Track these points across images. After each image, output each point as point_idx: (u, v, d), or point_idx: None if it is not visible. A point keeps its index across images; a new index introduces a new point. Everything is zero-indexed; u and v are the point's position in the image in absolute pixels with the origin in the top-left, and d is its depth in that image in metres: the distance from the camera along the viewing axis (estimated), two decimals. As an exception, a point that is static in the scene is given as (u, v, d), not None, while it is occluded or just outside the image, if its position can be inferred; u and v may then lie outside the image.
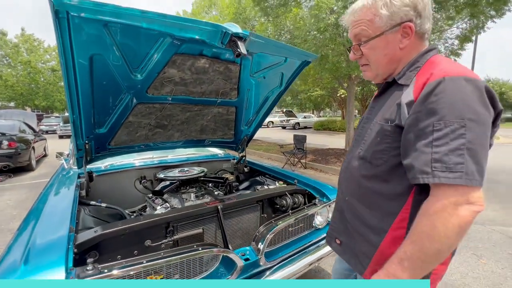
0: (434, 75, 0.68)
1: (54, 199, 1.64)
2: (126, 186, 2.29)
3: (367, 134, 0.84)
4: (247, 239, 1.72)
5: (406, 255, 0.66)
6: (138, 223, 1.30)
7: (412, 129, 0.68)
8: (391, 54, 0.81)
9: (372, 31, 0.80)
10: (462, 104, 0.62)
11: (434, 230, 0.62)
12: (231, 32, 1.27)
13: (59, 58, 1.21)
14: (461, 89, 0.63)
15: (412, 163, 0.67)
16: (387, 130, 0.76)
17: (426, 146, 0.64)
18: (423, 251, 0.64)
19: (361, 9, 0.81)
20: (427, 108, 0.65)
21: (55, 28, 1.06)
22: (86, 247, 1.15)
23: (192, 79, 1.73)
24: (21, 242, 1.11)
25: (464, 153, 0.61)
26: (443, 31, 6.43)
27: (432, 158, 0.63)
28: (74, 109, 1.45)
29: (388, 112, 0.77)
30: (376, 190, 0.80)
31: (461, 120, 0.62)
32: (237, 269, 1.33)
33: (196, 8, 15.82)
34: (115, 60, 1.36)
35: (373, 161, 0.79)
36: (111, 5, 1.04)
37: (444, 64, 0.72)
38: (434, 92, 0.65)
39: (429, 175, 0.63)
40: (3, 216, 3.71)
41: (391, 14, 0.76)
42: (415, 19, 0.76)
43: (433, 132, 0.63)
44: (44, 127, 17.79)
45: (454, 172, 0.61)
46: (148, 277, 1.16)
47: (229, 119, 2.33)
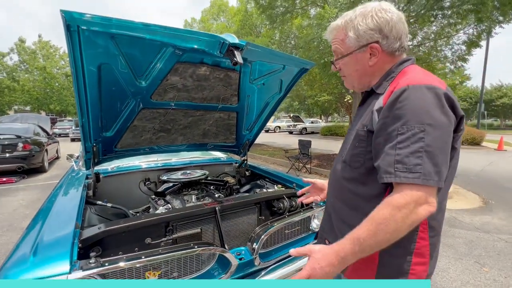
0: (400, 84, 0.74)
1: (63, 198, 1.74)
2: (131, 187, 2.39)
3: (348, 140, 0.92)
4: (245, 240, 1.77)
5: (359, 240, 0.69)
6: (139, 222, 1.37)
7: (381, 133, 0.74)
8: (361, 70, 0.90)
9: (344, 50, 0.90)
10: (422, 110, 0.68)
11: (392, 222, 0.66)
12: (228, 43, 1.35)
13: (70, 67, 1.32)
14: (422, 97, 0.69)
15: (379, 164, 0.73)
16: (361, 135, 0.82)
17: (391, 149, 0.70)
18: (376, 239, 0.68)
19: (335, 29, 0.91)
20: (393, 114, 0.71)
21: (66, 40, 1.16)
22: (90, 242, 1.23)
23: (194, 86, 1.82)
24: (31, 237, 1.20)
25: (422, 155, 0.66)
26: (449, 37, 6.40)
27: (395, 160, 0.69)
28: (83, 113, 1.55)
29: (365, 119, 0.84)
30: (356, 192, 0.85)
31: (421, 125, 0.67)
32: (232, 268, 1.38)
33: (205, 15, 16.21)
34: (121, 68, 1.46)
35: (352, 164, 0.85)
36: (117, 19, 1.14)
37: (411, 73, 0.78)
38: (399, 99, 0.71)
39: (392, 175, 0.69)
40: (16, 215, 3.88)
41: (358, 37, 0.85)
42: (381, 40, 0.83)
43: (397, 136, 0.69)
44: (57, 130, 18.37)
45: (413, 173, 0.66)
46: (147, 272, 1.23)
47: (230, 123, 2.41)
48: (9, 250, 1.14)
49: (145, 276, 1.22)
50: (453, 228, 3.57)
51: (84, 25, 1.12)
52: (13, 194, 4.94)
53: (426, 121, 0.67)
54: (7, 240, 3.02)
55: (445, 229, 3.51)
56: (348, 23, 0.87)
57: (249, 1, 10.36)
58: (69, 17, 1.06)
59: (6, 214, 3.92)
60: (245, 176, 2.83)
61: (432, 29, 7.09)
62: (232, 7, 13.84)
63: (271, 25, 7.18)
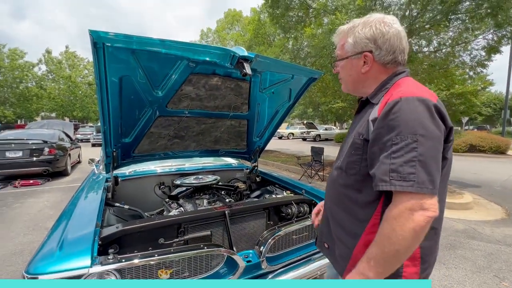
0: (393, 95, 0.78)
1: (85, 200, 1.87)
2: (147, 190, 2.51)
3: (344, 147, 0.95)
4: (253, 244, 1.82)
5: (372, 255, 0.75)
6: (153, 222, 1.47)
7: (376, 143, 0.78)
8: (354, 76, 0.96)
9: (343, 54, 0.96)
10: (414, 121, 0.71)
11: (393, 233, 0.70)
12: (238, 55, 1.44)
13: (95, 78, 1.45)
14: (414, 108, 0.73)
15: (375, 172, 0.76)
16: (358, 143, 0.86)
17: (386, 158, 0.73)
18: (384, 252, 0.72)
19: (340, 33, 0.99)
20: (387, 124, 0.75)
21: (93, 55, 1.29)
22: (109, 240, 1.33)
23: (206, 95, 1.92)
24: (57, 234, 1.32)
25: (416, 164, 0.69)
26: (467, 42, 6.24)
27: (390, 169, 0.72)
28: (105, 121, 1.68)
29: (361, 128, 0.87)
30: (351, 198, 0.88)
31: (414, 135, 0.70)
32: (239, 269, 1.43)
33: (220, 26, 16.69)
34: (140, 79, 1.58)
35: (348, 170, 0.88)
36: (137, 36, 1.26)
37: (404, 86, 0.82)
38: (392, 110, 0.74)
39: (387, 183, 0.72)
40: (41, 215, 4.13)
41: (355, 43, 0.91)
42: (375, 51, 0.88)
43: (391, 146, 0.73)
44: (79, 135, 19.28)
45: (407, 181, 0.69)
46: (159, 270, 1.31)
47: (241, 131, 2.49)
48: (34, 248, 1.25)
49: (157, 273, 1.30)
50: (472, 240, 3.43)
51: (109, 42, 1.24)
52: (39, 196, 5.25)
53: (419, 131, 0.70)
54: (32, 239, 3.23)
55: (463, 241, 3.39)
56: (350, 29, 0.93)
57: (262, 11, 10.61)
58: (96, 36, 1.19)
59: (32, 214, 4.18)
60: (255, 182, 2.89)
61: (449, 34, 6.95)
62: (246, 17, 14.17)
63: (284, 34, 7.31)
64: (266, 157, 10.81)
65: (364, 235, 0.84)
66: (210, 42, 18.09)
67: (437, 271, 2.65)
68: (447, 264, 2.81)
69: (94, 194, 1.97)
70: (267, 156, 11.29)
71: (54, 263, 1.08)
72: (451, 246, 3.25)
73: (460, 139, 14.79)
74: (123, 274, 1.20)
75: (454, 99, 18.75)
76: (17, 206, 4.58)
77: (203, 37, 18.32)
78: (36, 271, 1.04)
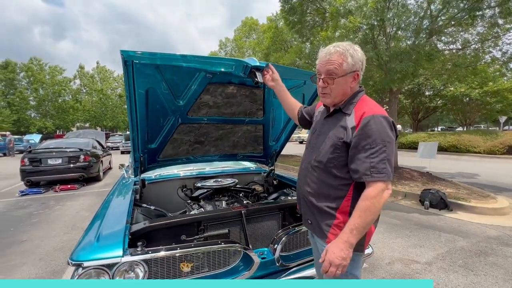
0: (367, 112, 1.08)
1: (117, 200, 2.07)
2: (171, 193, 2.69)
3: (323, 145, 1.19)
4: (268, 243, 1.90)
5: (355, 226, 1.03)
6: (175, 220, 1.61)
7: (356, 146, 1.07)
8: (344, 90, 1.17)
9: (340, 72, 1.13)
10: (383, 132, 1.04)
11: (372, 207, 1.02)
12: (250, 65, 1.56)
13: (125, 91, 1.65)
14: (382, 123, 1.06)
15: (358, 168, 1.06)
16: (338, 144, 1.13)
17: (366, 158, 1.04)
18: (366, 221, 1.03)
19: (335, 53, 1.13)
20: (365, 133, 1.05)
21: (123, 71, 1.48)
22: (137, 235, 1.48)
23: (223, 103, 2.07)
24: (95, 228, 1.50)
25: (386, 162, 1.03)
26: (497, 37, 5.89)
27: (370, 166, 1.03)
28: (134, 128, 1.88)
29: (337, 132, 1.14)
30: (329, 183, 1.17)
31: (383, 141, 1.03)
32: (254, 266, 1.52)
33: (238, 35, 17.14)
34: (164, 90, 1.76)
35: (328, 164, 1.16)
36: (160, 54, 1.42)
37: (370, 104, 1.13)
38: (369, 123, 1.05)
39: (369, 176, 1.04)
40: (78, 217, 4.51)
41: (354, 64, 1.12)
42: (360, 71, 1.16)
43: (369, 149, 1.04)
44: (110, 144, 20.55)
45: (382, 174, 1.02)
46: (181, 263, 1.44)
47: (258, 135, 2.60)
48: (73, 245, 1.42)
49: (180, 266, 1.43)
50: (506, 247, 3.22)
51: (137, 60, 1.43)
52: (75, 199, 5.73)
53: (386, 139, 1.04)
54: (71, 237, 3.56)
55: (495, 248, 3.19)
56: (346, 51, 1.11)
57: (279, 19, 10.78)
58: (126, 55, 1.37)
59: (70, 216, 4.58)
60: (272, 185, 2.97)
61: (477, 30, 6.59)
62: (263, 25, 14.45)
63: (301, 40, 7.38)
64: (286, 162, 10.81)
65: (341, 207, 1.14)
66: (228, 51, 18.58)
67: (464, 278, 2.54)
68: (475, 271, 2.67)
69: (125, 195, 2.17)
70: (287, 161, 11.28)
71: (93, 253, 1.25)
72: (482, 252, 3.08)
73: (497, 140, 13.69)
74: (149, 265, 1.34)
75: (489, 97, 17.51)
76: (57, 208, 5.05)
77: (222, 46, 18.88)
78: (79, 259, 1.21)
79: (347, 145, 1.10)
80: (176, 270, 1.42)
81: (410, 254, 3.06)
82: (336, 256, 1.03)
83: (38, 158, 6.81)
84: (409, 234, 3.63)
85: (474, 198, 5.07)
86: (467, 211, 4.61)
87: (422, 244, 3.32)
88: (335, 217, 1.15)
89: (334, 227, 1.15)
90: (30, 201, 5.68)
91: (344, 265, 1.04)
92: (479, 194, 5.42)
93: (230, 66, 1.60)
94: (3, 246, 3.36)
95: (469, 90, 16.70)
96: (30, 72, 31.76)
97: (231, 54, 18.07)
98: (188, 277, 1.45)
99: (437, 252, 3.09)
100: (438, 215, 4.49)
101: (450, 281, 2.49)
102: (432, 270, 2.69)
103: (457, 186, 6.03)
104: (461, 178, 7.58)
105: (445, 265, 2.80)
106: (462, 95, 17.77)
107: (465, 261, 2.87)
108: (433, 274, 2.61)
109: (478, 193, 5.51)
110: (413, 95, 19.87)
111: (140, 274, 1.31)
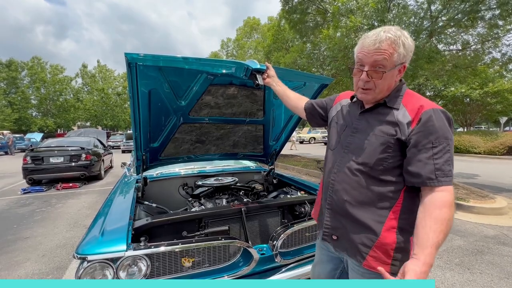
0: (425, 106, 0.92)
1: (119, 198, 2.12)
2: (172, 191, 2.74)
3: (365, 143, 1.00)
4: (268, 239, 1.95)
5: (437, 241, 0.82)
6: (177, 217, 1.66)
7: (417, 145, 0.90)
8: (389, 84, 0.98)
9: (390, 63, 0.92)
10: (445, 128, 0.89)
11: (452, 217, 0.85)
12: (251, 68, 1.60)
13: (128, 92, 1.69)
14: (443, 118, 0.90)
15: (419, 171, 0.89)
16: (390, 142, 0.94)
17: (429, 159, 0.87)
18: (446, 234, 0.84)
19: (386, 41, 0.90)
20: (427, 129, 0.89)
21: (127, 73, 1.53)
22: (140, 231, 1.53)
23: (224, 103, 2.11)
24: (99, 224, 1.55)
25: (450, 163, 0.88)
26: (497, 38, 5.92)
27: (435, 168, 0.87)
28: (137, 127, 1.92)
29: (386, 128, 0.96)
30: (374, 189, 0.97)
31: (447, 139, 0.88)
32: (253, 261, 1.57)
33: (240, 35, 17.17)
34: (166, 91, 1.81)
35: (375, 166, 0.97)
36: (163, 56, 1.47)
37: (422, 98, 0.97)
38: (430, 118, 0.89)
39: (434, 180, 0.87)
40: (80, 214, 4.57)
41: (405, 54, 0.93)
42: (407, 61, 0.97)
43: (432, 148, 0.88)
44: (111, 143, 20.60)
45: (449, 177, 0.87)
46: (182, 258, 1.48)
47: (258, 135, 2.65)
48: (76, 242, 1.47)
49: (181, 261, 1.47)
50: (503, 246, 3.26)
51: (140, 62, 1.47)
52: (77, 197, 5.79)
53: (449, 136, 0.89)
54: (73, 235, 3.61)
55: (492, 247, 3.23)
56: (398, 38, 0.90)
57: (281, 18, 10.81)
58: (130, 58, 1.42)
59: (72, 213, 4.64)
60: (272, 183, 3.02)
61: (477, 31, 6.62)
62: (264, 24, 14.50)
63: (302, 39, 7.42)
64: (286, 162, 10.86)
65: (387, 221, 0.95)
66: (230, 51, 18.60)
67: (460, 276, 2.58)
68: (471, 269, 2.72)
69: (127, 193, 2.22)
70: (288, 160, 11.33)
71: (97, 247, 1.30)
72: (478, 251, 3.12)
73: (498, 141, 13.74)
74: (152, 259, 1.39)
75: (489, 98, 17.50)
76: (59, 206, 5.10)
77: (224, 46, 18.92)
78: (84, 252, 1.26)
79: (401, 143, 0.93)
80: (177, 265, 1.46)
81: (408, 252, 3.10)
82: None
83: (40, 156, 6.86)
84: (407, 233, 3.67)
85: (473, 198, 5.11)
86: (465, 211, 4.65)
87: (419, 243, 3.36)
88: (378, 236, 0.95)
89: (375, 249, 0.96)
90: (32, 199, 5.74)
91: None
92: (478, 194, 5.46)
93: (231, 68, 1.64)
94: (7, 242, 3.42)
95: (470, 90, 16.70)
96: (33, 70, 31.92)
97: (232, 54, 18.10)
98: (189, 272, 1.50)
99: (434, 251, 3.13)
100: (436, 214, 4.53)
101: (446, 279, 2.54)
102: (429, 268, 2.73)
103: (456, 186, 6.06)
104: (460, 178, 7.61)
105: (442, 263, 2.85)
106: (463, 95, 17.77)
107: (462, 260, 2.92)
108: (430, 272, 2.65)
109: (477, 193, 5.54)
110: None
111: (143, 268, 1.35)
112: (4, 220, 4.35)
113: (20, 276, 2.61)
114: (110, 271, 1.29)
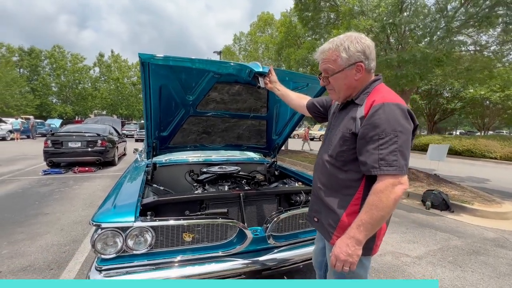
0: (377, 100, 1.01)
1: (131, 179, 2.34)
2: (179, 176, 2.94)
3: (333, 138, 1.16)
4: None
5: (362, 222, 0.97)
6: (181, 197, 1.85)
7: (364, 136, 1.00)
8: (348, 83, 1.12)
9: (336, 68, 1.11)
10: (394, 121, 0.95)
11: (379, 203, 0.94)
12: (254, 71, 1.74)
13: (141, 87, 1.88)
14: (393, 111, 0.97)
15: (366, 160, 0.99)
16: (347, 136, 1.08)
17: (375, 149, 0.97)
18: (372, 218, 0.95)
19: (328, 51, 1.12)
20: (374, 122, 0.98)
21: (141, 70, 1.72)
22: (148, 207, 1.73)
23: (229, 99, 2.27)
24: (112, 198, 1.77)
25: (397, 153, 0.94)
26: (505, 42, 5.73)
27: (378, 158, 0.95)
28: (148, 118, 2.11)
29: (348, 123, 1.09)
30: (339, 178, 1.12)
31: (394, 131, 0.94)
32: (247, 240, 1.74)
33: (253, 29, 17.16)
34: (176, 87, 1.99)
35: (337, 158, 1.12)
36: (173, 56, 1.63)
37: (383, 92, 1.05)
38: (377, 112, 0.98)
39: (377, 169, 0.96)
40: (95, 195, 4.90)
41: (349, 57, 1.07)
42: (364, 61, 1.08)
43: (378, 140, 0.96)
44: (125, 131, 21.27)
45: (392, 166, 0.94)
46: (184, 233, 1.67)
47: (261, 129, 2.80)
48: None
49: (182, 236, 1.66)
50: (499, 248, 3.29)
51: (153, 61, 1.64)
52: (92, 181, 6.16)
53: (398, 128, 0.95)
54: (89, 213, 3.91)
55: (489, 249, 3.27)
56: (339, 46, 1.08)
57: (292, 15, 10.77)
58: (143, 57, 1.59)
59: (88, 194, 4.98)
60: (274, 175, 3.17)
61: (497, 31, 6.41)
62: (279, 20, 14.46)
63: (313, 36, 7.41)
64: (294, 157, 10.96)
65: (349, 207, 1.09)
66: (242, 46, 18.59)
67: (451, 272, 2.67)
68: (463, 267, 2.79)
69: (138, 175, 2.43)
70: (295, 156, 11.42)
71: (110, 217, 1.51)
72: (474, 252, 3.18)
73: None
74: (157, 231, 1.58)
75: (510, 101, 16.77)
76: (76, 188, 5.47)
77: (236, 41, 18.94)
78: (99, 220, 1.47)
79: (356, 136, 1.04)
80: (179, 239, 1.65)
81: (403, 248, 3.19)
82: (341, 251, 1.00)
83: (60, 140, 7.29)
84: (405, 231, 3.75)
85: (478, 201, 5.07)
86: (468, 214, 4.65)
87: (416, 240, 3.45)
88: (340, 218, 1.09)
89: (338, 229, 1.10)
90: (52, 180, 6.16)
91: (351, 262, 1.00)
92: (484, 198, 5.41)
93: (235, 70, 1.79)
94: (29, 216, 3.76)
95: (490, 93, 16.08)
96: (53, 59, 33.15)
97: (245, 49, 18.13)
98: (189, 246, 1.68)
99: (429, 249, 3.21)
100: (438, 215, 4.56)
101: (436, 274, 2.63)
102: (421, 264, 2.83)
103: (463, 189, 6.01)
104: (470, 182, 7.50)
105: (435, 260, 2.93)
106: (482, 98, 17.14)
107: (455, 258, 2.99)
108: (421, 267, 2.75)
109: (484, 197, 5.49)
110: (430, 96, 19.32)
111: (148, 239, 1.55)
112: (27, 197, 4.73)
113: (41, 245, 2.91)
114: (120, 239, 1.50)
